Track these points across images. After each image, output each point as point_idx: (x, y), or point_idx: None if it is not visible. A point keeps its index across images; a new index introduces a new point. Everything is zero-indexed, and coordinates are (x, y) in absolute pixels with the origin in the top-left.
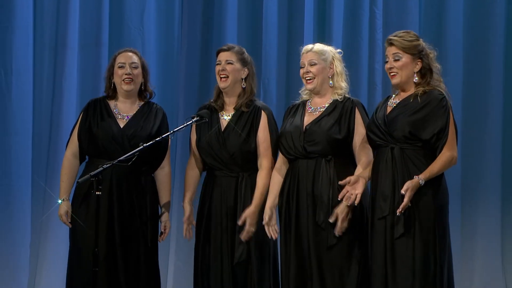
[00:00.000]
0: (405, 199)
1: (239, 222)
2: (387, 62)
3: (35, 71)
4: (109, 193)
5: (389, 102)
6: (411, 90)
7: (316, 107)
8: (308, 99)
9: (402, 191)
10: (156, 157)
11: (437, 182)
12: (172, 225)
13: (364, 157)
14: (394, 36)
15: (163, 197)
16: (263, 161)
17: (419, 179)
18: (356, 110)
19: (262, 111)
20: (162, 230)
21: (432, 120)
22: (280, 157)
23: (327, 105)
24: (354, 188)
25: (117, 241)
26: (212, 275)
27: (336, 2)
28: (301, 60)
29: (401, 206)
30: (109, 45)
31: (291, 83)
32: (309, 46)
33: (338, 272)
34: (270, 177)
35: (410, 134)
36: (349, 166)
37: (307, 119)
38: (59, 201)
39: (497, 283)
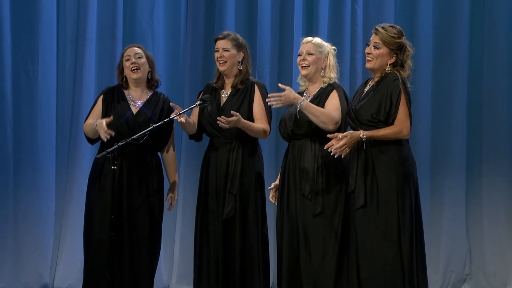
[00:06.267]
0: (342, 141)
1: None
2: (368, 45)
3: (58, 60)
4: (119, 172)
5: (365, 89)
6: (378, 76)
7: (309, 95)
8: (305, 89)
9: (340, 135)
10: (161, 139)
11: (397, 155)
12: (179, 196)
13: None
14: (381, 27)
15: (170, 175)
16: (263, 123)
17: (362, 133)
18: (334, 91)
19: (256, 85)
20: (167, 203)
21: (384, 100)
22: None
23: (315, 92)
24: (338, 143)
25: (125, 213)
26: (210, 231)
27: (322, 1)
28: (300, 49)
29: (330, 142)
30: (123, 38)
31: (283, 72)
32: (309, 38)
33: (322, 238)
34: (264, 130)
35: (372, 117)
36: None
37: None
38: (95, 124)
39: (462, 245)
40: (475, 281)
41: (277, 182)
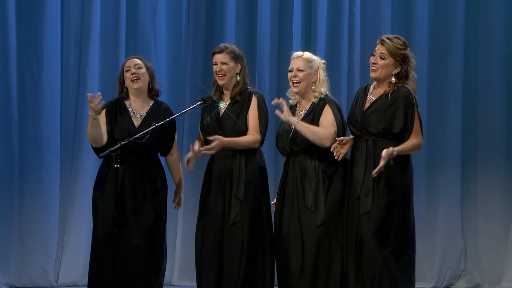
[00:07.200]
0: (381, 163)
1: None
2: (373, 56)
3: (62, 61)
4: (123, 176)
5: (368, 97)
6: (385, 87)
7: (302, 110)
8: (297, 103)
9: (383, 154)
10: (165, 143)
11: (405, 164)
12: None
13: (322, 128)
14: (387, 38)
15: (176, 177)
16: (252, 133)
17: (394, 150)
18: (326, 106)
19: (253, 95)
20: (174, 204)
21: (400, 115)
22: None
23: (308, 107)
24: (342, 148)
25: (130, 212)
26: (210, 235)
27: (320, 2)
28: (290, 65)
29: (376, 169)
30: (126, 39)
31: (282, 72)
32: (299, 53)
33: (328, 247)
34: (254, 141)
35: (384, 130)
36: (333, 158)
37: None
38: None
39: (457, 242)
40: (470, 277)
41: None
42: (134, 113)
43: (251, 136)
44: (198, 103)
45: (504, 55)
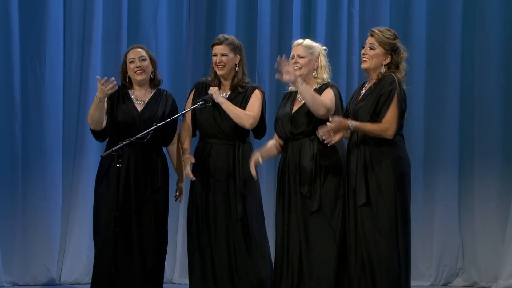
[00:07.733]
0: (328, 127)
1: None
2: (364, 47)
3: (65, 62)
4: (126, 169)
5: (362, 92)
6: (375, 78)
7: None
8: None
9: (330, 123)
10: (167, 135)
11: (394, 154)
12: None
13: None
14: (377, 29)
15: (176, 165)
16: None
17: (350, 123)
18: (328, 89)
19: (256, 89)
20: (176, 194)
21: (381, 101)
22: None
23: None
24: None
25: (132, 208)
26: (213, 229)
27: (319, 4)
28: (291, 52)
29: (320, 130)
30: (128, 40)
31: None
32: (300, 41)
33: (322, 235)
34: (244, 115)
35: (371, 118)
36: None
37: (295, 107)
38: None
39: (454, 241)
40: (467, 275)
41: (258, 157)
42: (138, 101)
43: (246, 112)
44: (198, 104)
45: (501, 55)
